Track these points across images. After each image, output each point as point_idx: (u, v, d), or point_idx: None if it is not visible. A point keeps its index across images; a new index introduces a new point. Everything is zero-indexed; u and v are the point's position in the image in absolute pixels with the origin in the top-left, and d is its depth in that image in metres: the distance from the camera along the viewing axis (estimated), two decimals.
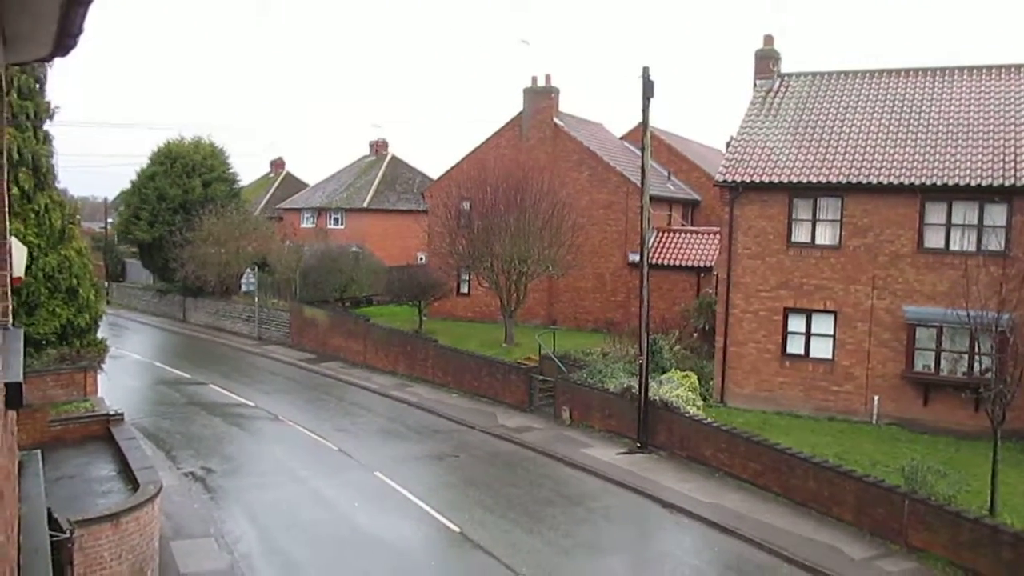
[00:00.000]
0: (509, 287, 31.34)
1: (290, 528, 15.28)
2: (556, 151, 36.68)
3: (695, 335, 28.46)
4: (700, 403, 21.96)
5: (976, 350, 20.65)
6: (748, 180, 24.10)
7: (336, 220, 52.47)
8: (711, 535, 15.31)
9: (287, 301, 37.42)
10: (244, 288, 39.14)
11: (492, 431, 22.05)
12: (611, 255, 35.17)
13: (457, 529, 15.22)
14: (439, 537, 15.16)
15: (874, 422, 22.66)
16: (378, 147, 57.90)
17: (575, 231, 31.99)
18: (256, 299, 38.47)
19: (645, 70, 19.98)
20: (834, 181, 23.19)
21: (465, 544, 14.66)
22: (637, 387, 20.42)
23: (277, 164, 67.52)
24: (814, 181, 23.38)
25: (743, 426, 19.62)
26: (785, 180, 23.70)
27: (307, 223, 53.88)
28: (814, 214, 23.69)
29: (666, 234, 35.62)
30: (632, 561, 14.50)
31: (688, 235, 35.68)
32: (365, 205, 51.89)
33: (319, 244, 42.04)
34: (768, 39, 28.27)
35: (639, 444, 20.07)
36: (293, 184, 64.27)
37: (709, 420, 19.59)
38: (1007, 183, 21.73)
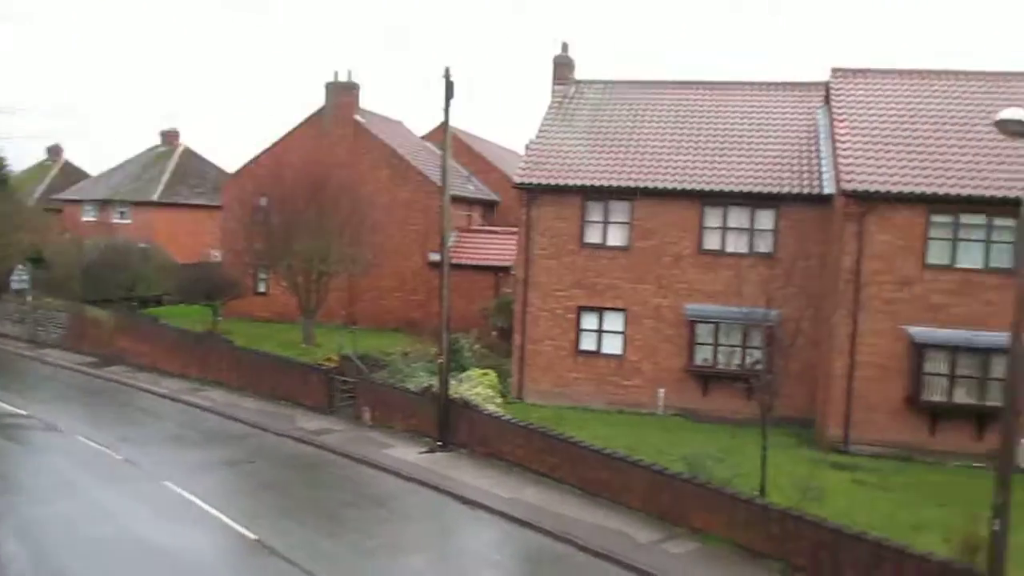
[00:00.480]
0: (308, 286, 30.66)
1: (69, 546, 14.18)
2: (357, 148, 36.29)
3: (494, 334, 29.08)
4: (499, 400, 22.46)
5: (747, 344, 22.48)
6: (544, 183, 24.93)
7: (122, 214, 49.13)
8: (511, 529, 15.71)
9: (66, 300, 34.61)
10: (15, 286, 35.77)
11: (291, 434, 21.49)
12: (412, 254, 35.23)
13: (254, 537, 14.71)
14: (235, 546, 14.59)
15: (660, 413, 24.11)
16: (170, 137, 54.51)
17: (376, 230, 31.78)
18: (29, 298, 35.29)
19: (447, 71, 20.18)
20: (624, 185, 24.45)
21: (263, 552, 14.20)
22: (438, 386, 20.59)
23: (55, 151, 62.12)
24: (606, 185, 24.55)
25: (540, 421, 20.23)
26: (579, 183, 24.72)
27: (89, 216, 50.05)
28: (605, 216, 24.86)
29: (466, 234, 36.14)
30: (434, 559, 14.62)
31: (487, 235, 36.38)
32: (155, 198, 48.97)
33: (102, 239, 39.24)
34: (565, 46, 29.33)
35: (440, 443, 20.24)
36: (74, 173, 59.34)
37: (507, 417, 20.07)
38: (774, 191, 23.77)
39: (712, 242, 24.33)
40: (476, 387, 22.01)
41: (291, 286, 30.92)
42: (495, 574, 14.06)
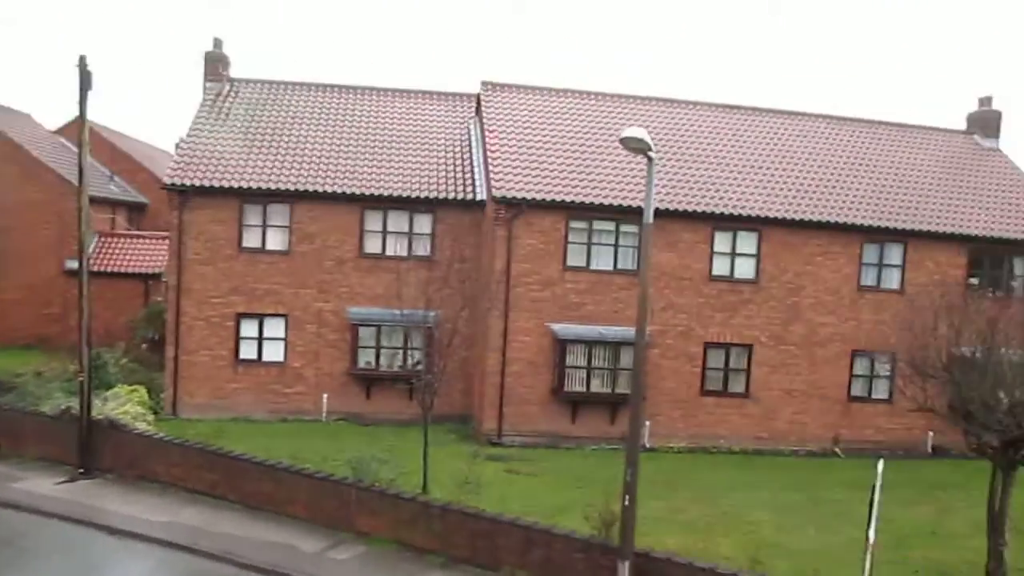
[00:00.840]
0: None
1: None
2: None
3: (144, 346, 27.07)
4: (151, 417, 20.92)
5: (409, 345, 23.12)
6: (198, 184, 23.68)
7: None
8: (167, 555, 14.70)
9: None
10: None
11: None
12: (44, 262, 31.68)
13: None
14: None
15: (324, 419, 23.98)
16: None
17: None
18: None
19: (82, 59, 18.26)
20: (283, 188, 23.96)
21: None
22: (78, 407, 18.69)
23: None
24: (264, 187, 23.88)
25: (198, 437, 19.17)
26: (235, 185, 23.81)
27: None
28: (264, 220, 24.19)
29: (109, 239, 33.26)
30: None
31: (134, 240, 33.77)
32: None
33: None
34: (218, 42, 28.03)
35: (82, 470, 18.36)
36: None
37: (160, 435, 18.75)
38: (432, 196, 24.66)
39: (373, 246, 24.68)
40: (124, 405, 20.30)
41: None
42: None
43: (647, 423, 22.61)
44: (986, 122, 30.87)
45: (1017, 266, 25.97)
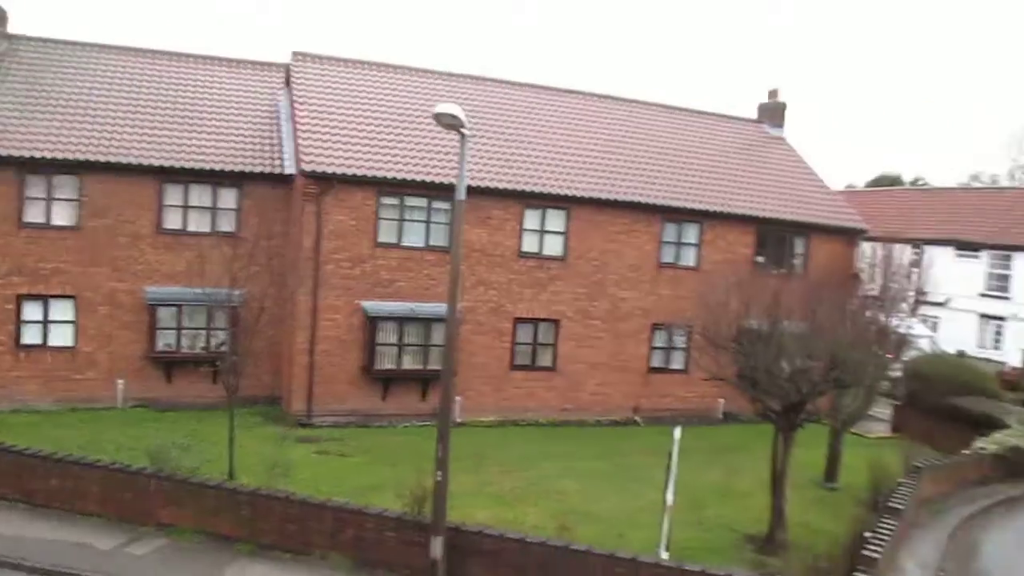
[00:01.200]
0: None
1: None
2: None
3: None
4: None
5: (212, 326, 22.15)
6: None
7: None
8: None
9: None
10: None
11: None
12: None
13: None
14: None
15: (120, 406, 22.59)
16: None
17: None
18: None
19: None
20: (71, 158, 22.16)
21: None
22: None
23: None
24: (48, 157, 21.98)
25: None
26: (15, 154, 21.76)
27: None
28: (49, 192, 22.31)
29: None
30: None
31: None
32: None
33: None
34: None
35: None
36: None
37: None
38: (237, 169, 23.65)
39: (173, 221, 23.35)
40: None
41: None
42: None
43: (458, 398, 22.88)
44: (774, 112, 33.27)
45: (797, 245, 28.26)
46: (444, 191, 22.52)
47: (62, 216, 22.46)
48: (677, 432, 14.17)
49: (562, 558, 12.91)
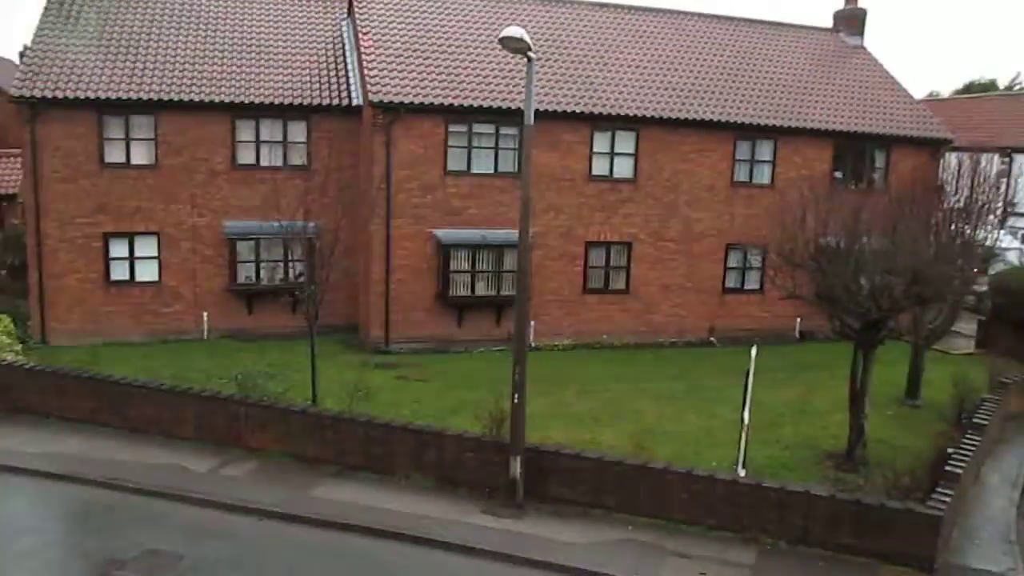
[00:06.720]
0: None
1: None
2: None
3: (4, 272, 25.59)
4: (19, 347, 19.91)
5: (289, 258, 22.64)
6: (50, 95, 22.04)
7: None
8: (49, 487, 14.21)
9: None
10: None
11: None
12: None
13: None
14: None
15: (206, 337, 23.44)
16: None
17: None
18: None
19: None
20: (145, 98, 22.61)
21: None
22: None
23: None
24: (124, 98, 22.46)
25: (72, 364, 18.43)
26: (92, 96, 22.29)
27: None
28: (127, 133, 22.87)
29: None
30: None
31: None
32: None
33: None
34: None
35: None
36: None
37: (31, 364, 17.93)
38: (305, 103, 23.80)
39: (247, 156, 23.76)
40: None
41: None
42: (35, 541, 12.67)
43: (532, 323, 23.04)
44: (851, 20, 31.80)
45: (877, 159, 27.30)
46: (512, 116, 22.32)
47: (141, 155, 23.03)
48: (754, 351, 14.08)
49: (639, 476, 13.08)
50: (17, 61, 30.73)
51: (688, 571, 11.65)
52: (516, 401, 13.20)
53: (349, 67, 25.27)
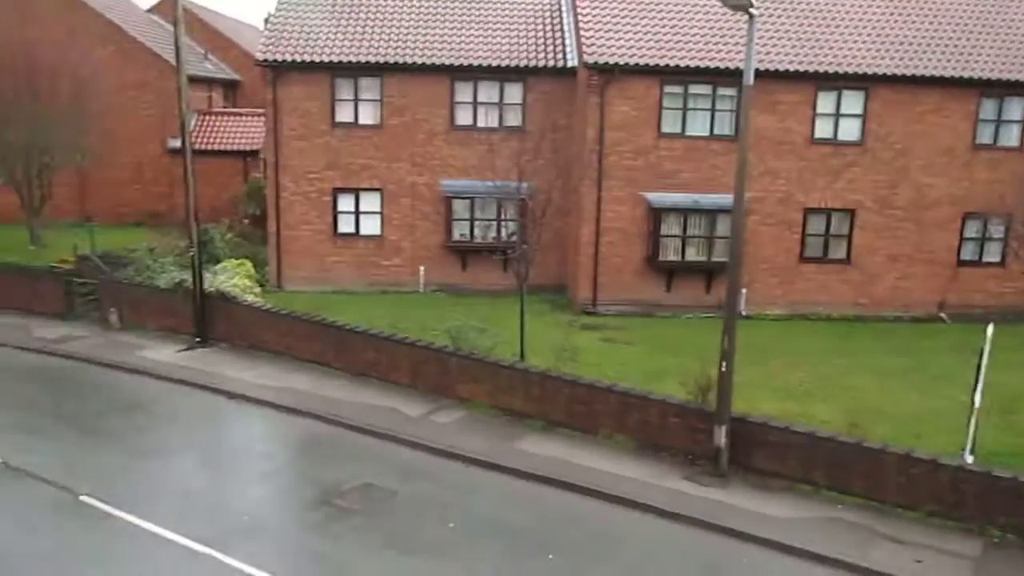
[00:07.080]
0: (30, 181, 27.76)
1: None
2: (74, 24, 32.54)
3: (247, 221, 27.97)
4: (258, 290, 21.80)
5: (502, 217, 23.19)
6: (290, 59, 23.76)
7: None
8: (281, 418, 15.61)
9: None
10: None
11: (27, 346, 19.73)
12: (149, 142, 32.73)
13: None
14: None
15: (422, 290, 24.58)
16: None
17: (104, 116, 29.05)
18: None
19: None
20: (372, 61, 23.81)
21: (7, 474, 13.20)
22: (191, 280, 19.62)
23: None
24: (353, 61, 23.79)
25: (302, 308, 19.94)
26: (326, 60, 23.79)
27: None
28: (356, 94, 24.22)
29: (208, 117, 33.99)
30: (204, 457, 14.28)
31: (231, 118, 34.41)
32: None
33: None
34: None
35: (199, 339, 19.47)
36: None
37: (268, 306, 19.61)
38: (521, 64, 24.14)
39: (464, 117, 24.50)
40: (232, 278, 21.17)
41: (7, 182, 27.84)
42: (268, 464, 13.99)
43: (743, 291, 22.34)
44: None
45: None
46: (730, 77, 21.57)
47: (367, 116, 24.37)
48: (990, 329, 12.92)
49: (854, 455, 12.42)
50: (262, 27, 33.22)
51: (901, 556, 10.99)
52: (724, 369, 12.88)
53: (565, 28, 25.32)
